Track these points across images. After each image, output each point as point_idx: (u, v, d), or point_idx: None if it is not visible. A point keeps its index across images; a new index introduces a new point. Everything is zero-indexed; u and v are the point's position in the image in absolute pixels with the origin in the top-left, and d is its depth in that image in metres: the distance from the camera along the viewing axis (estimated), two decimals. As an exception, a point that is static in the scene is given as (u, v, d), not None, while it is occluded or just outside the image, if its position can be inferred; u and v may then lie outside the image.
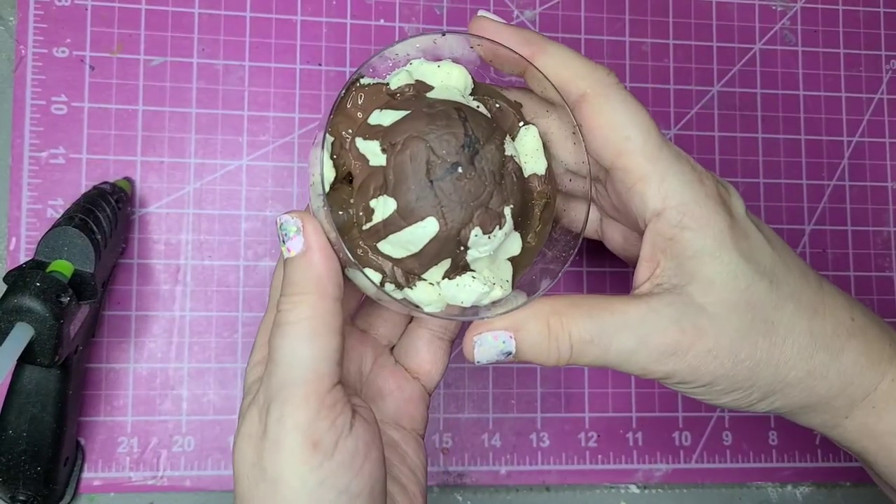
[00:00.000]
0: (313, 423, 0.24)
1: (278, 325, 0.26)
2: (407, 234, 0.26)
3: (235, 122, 0.43)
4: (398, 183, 0.26)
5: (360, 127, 0.28)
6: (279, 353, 0.25)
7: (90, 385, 0.41)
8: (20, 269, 0.35)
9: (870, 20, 0.49)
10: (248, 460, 0.25)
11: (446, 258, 0.27)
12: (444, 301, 0.28)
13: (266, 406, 0.25)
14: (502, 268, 0.29)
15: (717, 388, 0.29)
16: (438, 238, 0.26)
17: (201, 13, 0.43)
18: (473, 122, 0.27)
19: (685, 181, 0.27)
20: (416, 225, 0.26)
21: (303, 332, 0.25)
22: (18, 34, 0.42)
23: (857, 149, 0.48)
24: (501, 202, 0.27)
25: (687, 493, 0.45)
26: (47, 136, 0.42)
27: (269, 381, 0.25)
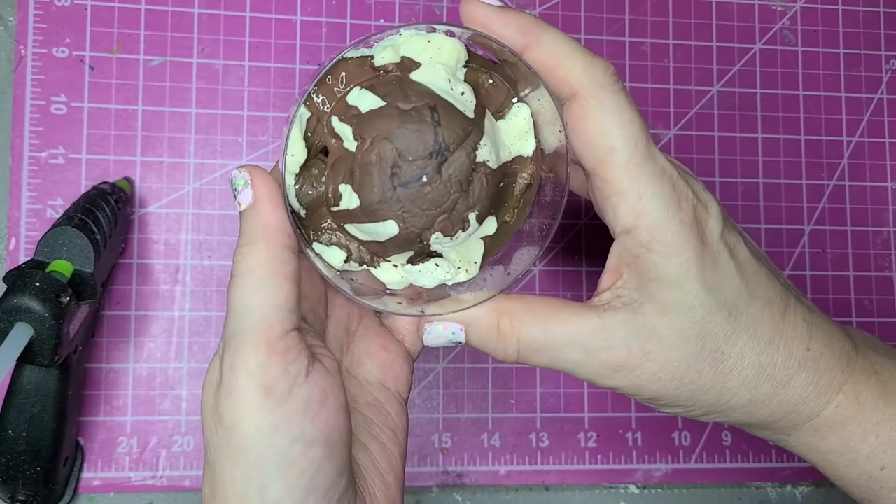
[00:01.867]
0: (264, 369, 0.24)
1: (232, 277, 0.26)
2: (369, 229, 0.27)
3: (235, 122, 0.43)
4: (362, 181, 0.26)
5: (339, 104, 0.28)
6: (232, 304, 0.25)
7: (90, 385, 0.41)
8: (20, 269, 0.35)
9: (870, 20, 0.49)
10: (209, 407, 0.26)
11: (409, 251, 0.28)
12: (406, 282, 0.29)
13: (222, 354, 0.25)
14: (472, 248, 0.29)
15: (659, 402, 0.30)
16: (398, 237, 0.27)
17: (201, 13, 0.43)
18: (447, 126, 0.27)
19: (662, 203, 0.27)
20: (377, 224, 0.27)
21: (252, 281, 0.25)
22: (18, 34, 0.42)
23: (857, 149, 0.48)
24: (466, 209, 0.27)
25: (686, 493, 0.45)
26: (47, 136, 0.42)
27: (225, 332, 0.25)
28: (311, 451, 0.25)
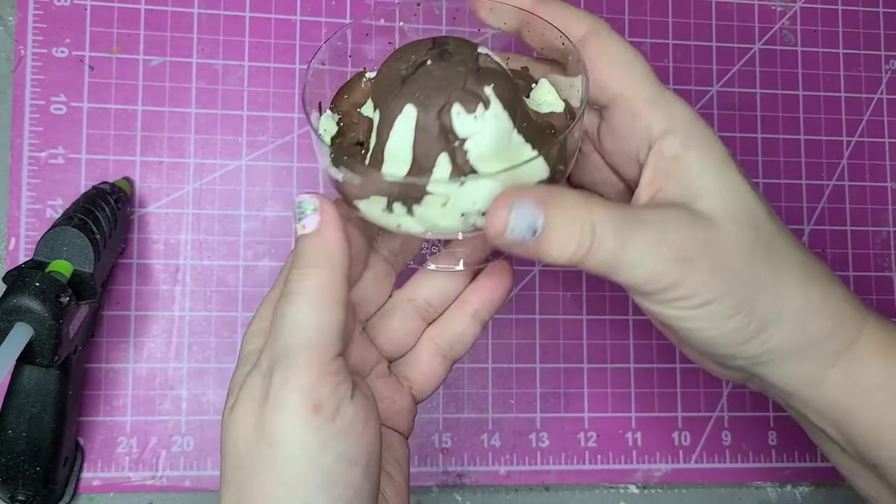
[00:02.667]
0: (315, 387, 0.25)
1: (287, 295, 0.26)
2: (395, 135, 0.26)
3: (235, 122, 0.43)
4: (379, 96, 0.27)
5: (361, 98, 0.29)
6: (286, 320, 0.26)
7: (89, 385, 0.41)
8: (20, 268, 0.35)
9: (869, 20, 0.49)
10: (249, 422, 0.25)
11: (440, 152, 0.26)
12: (457, 210, 0.26)
13: (269, 369, 0.25)
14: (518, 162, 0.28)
15: (718, 308, 0.28)
16: (423, 126, 0.26)
17: (200, 13, 0.43)
18: (443, 40, 0.28)
19: (689, 112, 0.29)
20: (399, 118, 0.26)
21: (310, 301, 0.26)
22: (18, 34, 0.42)
23: (857, 149, 0.48)
24: (479, 84, 0.26)
25: (686, 493, 0.45)
26: (47, 136, 0.42)
27: (274, 346, 0.26)
28: (353, 471, 0.25)
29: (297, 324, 0.26)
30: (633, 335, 0.45)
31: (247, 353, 0.28)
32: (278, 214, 0.43)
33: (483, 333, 0.44)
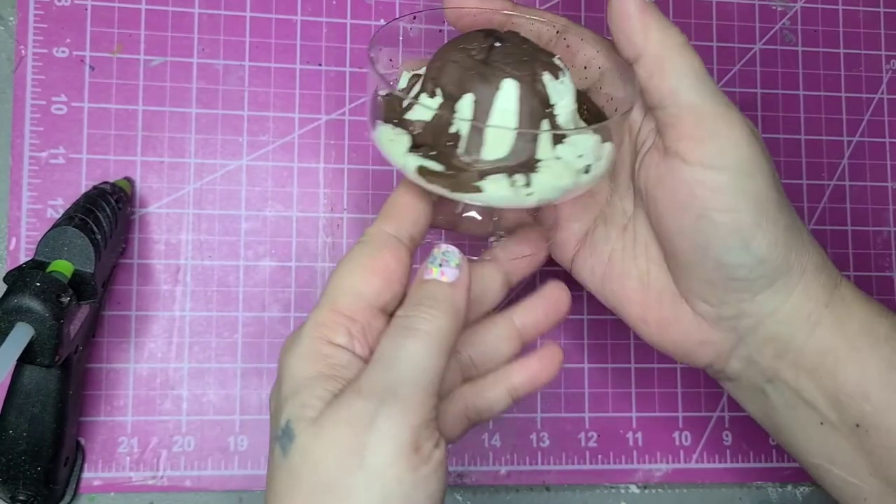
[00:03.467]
0: (420, 427, 0.26)
1: (409, 329, 0.27)
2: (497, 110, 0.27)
3: (235, 122, 0.43)
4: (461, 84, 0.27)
5: (402, 112, 0.29)
6: (405, 353, 0.26)
7: (90, 385, 0.41)
8: (20, 269, 0.35)
9: (870, 20, 0.49)
10: (344, 446, 0.25)
11: (542, 119, 0.27)
12: (570, 167, 0.28)
13: (379, 399, 0.26)
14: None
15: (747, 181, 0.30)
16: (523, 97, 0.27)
17: (201, 13, 0.43)
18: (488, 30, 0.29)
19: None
20: (499, 95, 0.27)
21: (431, 343, 0.27)
22: (18, 34, 0.42)
23: (857, 149, 0.48)
24: (548, 56, 0.29)
25: (687, 492, 0.45)
26: (47, 136, 0.42)
27: (385, 376, 0.26)
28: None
29: (417, 363, 0.26)
30: (633, 335, 0.45)
31: (302, 377, 0.28)
32: (279, 214, 0.43)
33: (484, 333, 0.44)
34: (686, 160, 0.30)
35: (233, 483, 0.41)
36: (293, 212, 0.43)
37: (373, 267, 0.29)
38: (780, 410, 0.33)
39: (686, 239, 0.31)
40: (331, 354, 0.28)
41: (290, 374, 0.28)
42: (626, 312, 0.35)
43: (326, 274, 0.43)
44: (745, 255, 0.30)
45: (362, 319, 0.28)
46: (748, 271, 0.30)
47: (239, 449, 0.42)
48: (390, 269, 0.29)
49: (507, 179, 0.27)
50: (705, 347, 0.33)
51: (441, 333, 0.27)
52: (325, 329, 0.28)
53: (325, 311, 0.29)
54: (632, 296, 0.34)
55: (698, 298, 0.32)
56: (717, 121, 0.30)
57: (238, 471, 0.41)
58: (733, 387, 0.35)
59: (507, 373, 0.33)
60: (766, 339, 0.32)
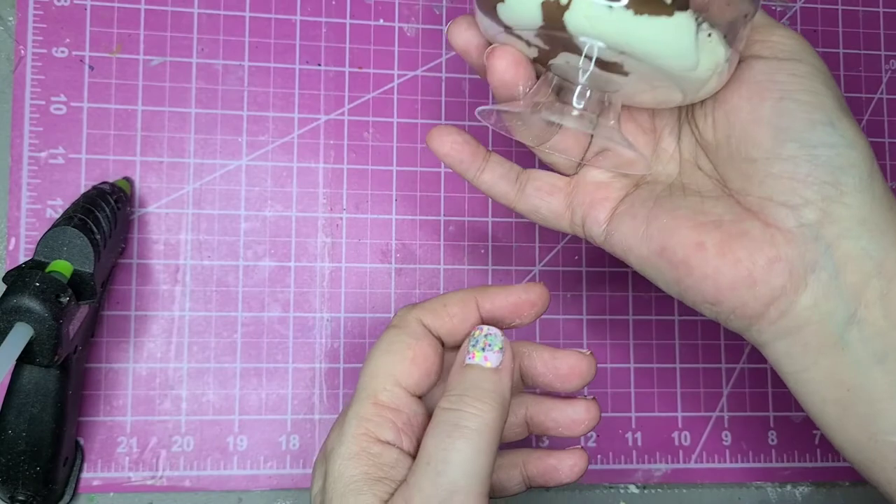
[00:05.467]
0: None
1: (456, 427, 0.26)
2: None
3: (235, 122, 0.43)
4: None
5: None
6: (454, 456, 0.25)
7: (89, 385, 0.41)
8: (19, 269, 0.35)
9: (869, 20, 0.49)
10: None
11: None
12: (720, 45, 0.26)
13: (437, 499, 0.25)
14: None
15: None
16: None
17: (200, 13, 0.43)
18: None
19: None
20: None
21: (482, 440, 0.26)
22: (18, 34, 0.42)
23: (857, 149, 0.48)
24: None
25: (686, 492, 0.45)
26: (47, 136, 0.42)
27: (437, 483, 0.25)
28: None
29: (468, 468, 0.25)
30: (632, 335, 0.45)
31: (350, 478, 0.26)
32: (278, 214, 0.43)
33: (483, 333, 0.44)
34: (763, 56, 0.29)
35: (232, 483, 0.41)
36: (292, 212, 0.43)
37: (412, 357, 0.28)
38: (861, 367, 0.27)
39: (766, 126, 0.28)
40: (379, 453, 0.27)
41: (336, 474, 0.27)
42: (676, 244, 0.29)
43: (326, 274, 0.43)
44: (832, 132, 0.28)
45: (407, 411, 0.27)
46: (835, 153, 0.28)
47: (238, 449, 0.42)
48: (430, 361, 0.28)
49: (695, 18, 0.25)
50: (777, 267, 0.28)
51: (489, 428, 0.26)
52: (370, 425, 0.27)
53: (367, 406, 0.27)
54: (684, 223, 0.30)
55: (776, 202, 0.28)
56: (786, 30, 0.30)
57: (237, 471, 0.41)
58: (791, 345, 0.29)
59: (525, 459, 0.32)
60: (853, 254, 0.27)
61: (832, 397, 0.28)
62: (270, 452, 0.42)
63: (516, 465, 0.32)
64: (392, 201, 0.44)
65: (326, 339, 0.43)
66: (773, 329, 0.29)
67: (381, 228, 0.44)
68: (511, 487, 0.32)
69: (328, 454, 0.28)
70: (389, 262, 0.44)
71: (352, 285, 0.43)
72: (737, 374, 0.46)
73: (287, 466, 0.42)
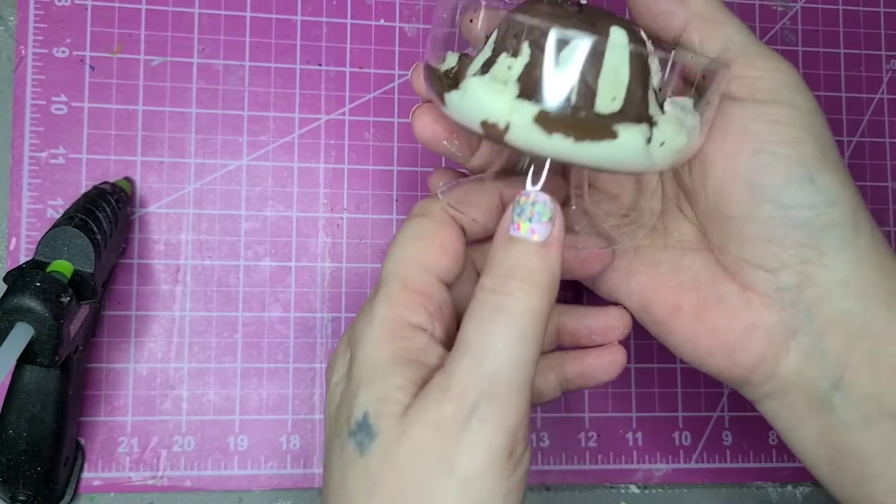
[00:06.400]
0: (516, 430, 0.23)
1: (499, 310, 0.23)
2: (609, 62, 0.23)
3: (235, 122, 0.43)
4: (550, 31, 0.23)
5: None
6: (496, 343, 0.23)
7: (90, 385, 0.41)
8: (20, 269, 0.35)
9: (870, 20, 0.49)
10: (434, 452, 0.22)
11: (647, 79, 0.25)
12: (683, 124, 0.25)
13: (473, 402, 0.23)
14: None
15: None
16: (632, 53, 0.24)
17: (201, 13, 0.43)
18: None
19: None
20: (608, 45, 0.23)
21: (527, 327, 0.23)
22: (18, 34, 0.42)
23: (858, 149, 0.48)
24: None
25: (687, 492, 0.45)
26: (47, 136, 0.42)
27: (477, 373, 0.23)
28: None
29: (512, 356, 0.23)
30: (633, 335, 0.45)
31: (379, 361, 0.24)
32: (279, 214, 0.43)
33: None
34: (737, 97, 0.27)
35: (233, 483, 0.41)
36: (293, 212, 0.43)
37: (441, 244, 0.26)
38: (850, 430, 0.26)
39: (741, 183, 0.26)
40: (409, 336, 0.25)
41: (365, 358, 0.25)
42: (656, 303, 0.29)
43: (327, 274, 0.43)
44: (811, 190, 0.26)
45: (438, 297, 0.26)
46: (814, 213, 0.26)
47: (239, 449, 0.42)
48: (457, 248, 0.26)
49: (643, 131, 0.24)
50: (755, 335, 0.27)
51: (536, 314, 0.23)
52: (400, 308, 0.25)
53: (396, 289, 0.25)
54: (663, 281, 0.29)
55: (752, 265, 0.27)
56: (768, 60, 0.27)
57: (238, 471, 0.41)
58: (780, 406, 0.28)
59: (561, 361, 0.30)
60: (835, 317, 0.26)
61: (825, 456, 0.27)
62: (271, 452, 0.42)
63: (552, 368, 0.30)
64: (393, 201, 0.44)
65: (327, 339, 0.43)
66: (760, 391, 0.29)
67: (381, 228, 0.44)
68: (547, 392, 0.30)
69: (355, 340, 0.25)
70: (390, 262, 0.44)
71: (352, 285, 0.43)
72: (737, 374, 0.46)
73: (288, 466, 0.42)
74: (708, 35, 0.27)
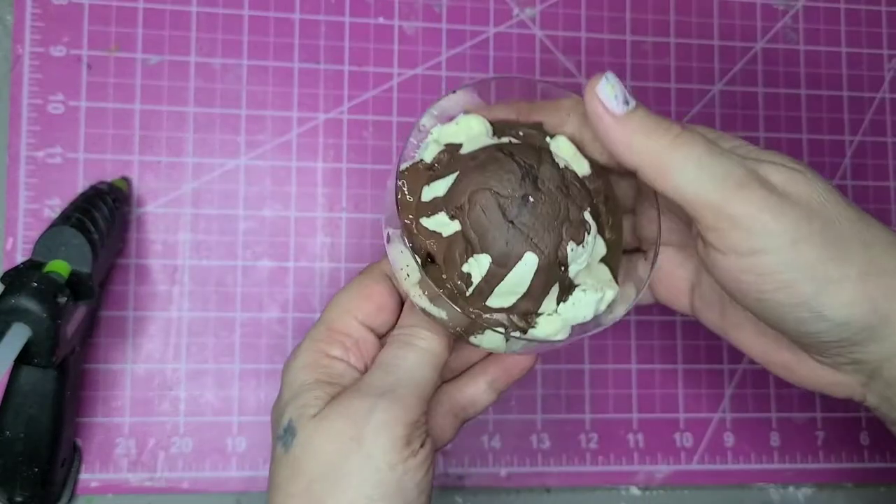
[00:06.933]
0: (411, 424, 0.28)
1: (407, 343, 0.30)
2: (512, 279, 0.28)
3: (233, 122, 0.43)
4: (482, 237, 0.28)
5: (418, 208, 0.29)
6: (403, 362, 0.30)
7: (87, 386, 0.41)
8: (17, 269, 0.35)
9: (872, 19, 0.49)
10: (345, 436, 0.28)
11: (553, 284, 0.29)
12: (568, 324, 0.30)
13: (378, 396, 0.29)
14: (601, 272, 0.31)
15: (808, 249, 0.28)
16: (541, 268, 0.28)
17: (199, 11, 0.43)
18: (519, 153, 0.28)
19: None
20: (518, 266, 0.28)
21: (428, 357, 0.30)
22: (15, 33, 0.42)
23: (859, 148, 0.48)
24: (579, 210, 0.28)
25: (688, 494, 0.45)
26: (44, 136, 0.41)
27: (385, 378, 0.29)
28: (421, 500, 0.29)
29: (414, 372, 0.30)
30: (634, 336, 0.45)
31: (302, 383, 0.30)
32: (277, 214, 0.43)
33: (483, 334, 0.44)
34: (720, 250, 0.28)
35: (230, 484, 0.41)
36: (291, 211, 0.43)
37: (368, 294, 0.32)
38: None
39: (760, 315, 0.29)
40: (328, 365, 0.31)
41: (290, 382, 0.30)
42: (751, 355, 0.34)
43: (325, 274, 0.43)
44: (823, 323, 0.28)
45: (356, 335, 0.31)
46: (836, 335, 0.28)
47: (237, 450, 0.41)
48: (383, 298, 0.32)
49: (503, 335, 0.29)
50: (838, 388, 0.31)
51: (435, 352, 0.30)
52: (321, 344, 0.31)
53: (321, 329, 0.31)
54: (752, 341, 0.33)
55: (810, 352, 0.31)
56: (732, 206, 0.27)
57: (236, 472, 0.41)
58: (882, 417, 0.32)
59: (484, 366, 0.34)
60: (892, 379, 0.29)
61: None
62: (269, 454, 0.42)
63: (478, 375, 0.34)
64: (392, 201, 0.44)
65: (326, 339, 0.43)
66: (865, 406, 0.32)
67: (380, 228, 0.44)
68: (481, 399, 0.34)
69: (285, 370, 0.31)
70: (389, 262, 0.44)
71: (351, 285, 0.43)
72: (739, 375, 0.45)
73: (286, 468, 0.42)
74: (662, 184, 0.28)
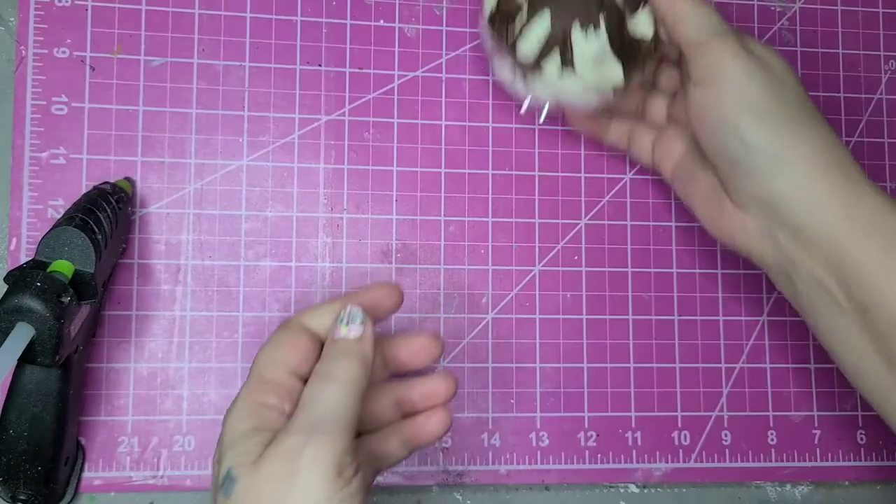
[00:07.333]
0: (341, 454, 0.30)
1: (326, 378, 0.32)
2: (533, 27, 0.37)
3: (236, 123, 0.43)
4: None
5: None
6: (324, 396, 0.31)
7: (91, 385, 0.41)
8: (21, 269, 0.35)
9: (869, 20, 0.49)
10: (281, 475, 0.29)
11: (555, 46, 0.37)
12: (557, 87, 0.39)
13: (307, 433, 0.30)
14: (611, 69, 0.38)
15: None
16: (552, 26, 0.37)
17: (202, 14, 0.43)
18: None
19: None
20: (538, 14, 0.37)
21: (348, 387, 0.31)
22: (19, 35, 0.42)
23: (856, 149, 0.48)
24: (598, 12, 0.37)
25: (686, 492, 0.45)
26: (48, 137, 0.42)
27: (310, 416, 0.30)
28: None
29: (336, 404, 0.31)
30: (632, 335, 0.45)
31: (240, 432, 0.31)
32: (279, 215, 0.43)
33: (483, 333, 0.44)
34: (695, 81, 0.37)
35: (233, 483, 0.41)
36: (293, 212, 0.43)
37: (294, 344, 0.33)
38: (803, 297, 0.36)
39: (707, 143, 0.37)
40: (263, 413, 0.32)
41: (229, 430, 0.32)
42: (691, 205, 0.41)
43: (327, 274, 0.43)
44: (739, 144, 0.35)
45: (288, 384, 0.33)
46: (745, 157, 0.35)
47: (239, 448, 0.42)
48: (308, 348, 0.33)
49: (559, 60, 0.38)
50: (745, 234, 0.37)
51: (354, 379, 0.31)
52: (257, 395, 0.32)
53: (254, 382, 0.33)
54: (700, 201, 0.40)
55: (730, 189, 0.37)
56: (711, 47, 0.36)
57: (238, 470, 0.42)
58: (772, 275, 0.38)
59: (400, 427, 0.36)
60: (783, 222, 0.35)
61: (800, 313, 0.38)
62: (271, 452, 0.42)
63: (396, 433, 0.36)
64: (392, 201, 0.44)
65: (327, 338, 0.43)
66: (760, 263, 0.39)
67: (381, 228, 0.44)
68: (395, 454, 0.36)
69: (223, 422, 0.32)
70: (390, 262, 0.44)
71: (352, 285, 0.43)
72: (736, 373, 0.46)
73: (288, 466, 0.42)
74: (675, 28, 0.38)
